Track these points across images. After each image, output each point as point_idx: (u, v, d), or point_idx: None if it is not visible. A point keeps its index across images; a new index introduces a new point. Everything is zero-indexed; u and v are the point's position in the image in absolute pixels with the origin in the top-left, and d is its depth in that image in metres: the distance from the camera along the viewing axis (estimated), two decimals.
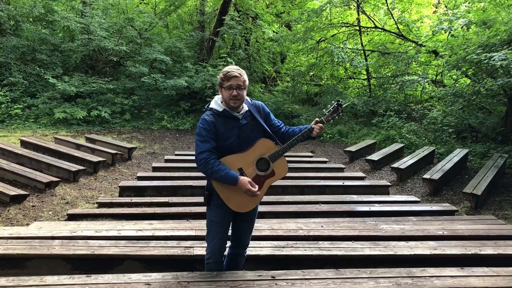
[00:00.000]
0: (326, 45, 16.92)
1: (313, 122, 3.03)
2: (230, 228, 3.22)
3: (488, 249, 3.96)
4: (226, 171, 2.88)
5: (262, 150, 3.00)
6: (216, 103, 3.01)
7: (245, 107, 3.04)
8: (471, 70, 10.89)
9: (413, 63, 15.12)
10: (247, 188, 2.86)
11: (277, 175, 3.04)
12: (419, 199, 6.52)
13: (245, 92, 2.97)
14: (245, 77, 2.95)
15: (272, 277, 3.08)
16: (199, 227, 4.45)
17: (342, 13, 18.13)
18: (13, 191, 6.10)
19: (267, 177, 3.03)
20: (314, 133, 2.99)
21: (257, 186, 2.91)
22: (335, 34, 17.29)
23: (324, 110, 3.09)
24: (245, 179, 2.88)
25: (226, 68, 2.94)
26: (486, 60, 8.82)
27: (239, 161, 2.98)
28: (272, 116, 3.20)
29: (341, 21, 17.36)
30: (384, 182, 7.40)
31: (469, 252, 3.88)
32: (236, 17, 16.61)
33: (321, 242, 4.07)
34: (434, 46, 13.05)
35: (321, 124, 2.99)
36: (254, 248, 3.76)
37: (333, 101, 3.08)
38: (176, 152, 10.03)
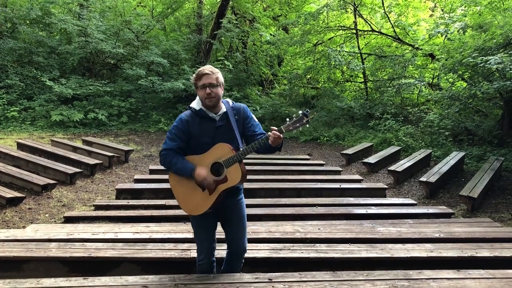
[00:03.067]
0: (323, 48, 16.96)
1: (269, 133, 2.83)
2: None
3: (484, 251, 3.97)
4: (184, 163, 2.93)
5: (218, 154, 2.91)
6: (196, 102, 3.03)
7: (223, 109, 3.01)
8: (467, 73, 10.94)
9: (410, 66, 15.17)
10: (203, 177, 2.87)
11: (230, 181, 2.90)
12: (415, 202, 6.55)
13: (219, 90, 2.94)
14: (219, 75, 2.94)
15: (269, 279, 3.09)
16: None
17: (339, 17, 18.19)
18: (9, 193, 6.09)
19: (220, 182, 2.92)
20: (270, 140, 2.76)
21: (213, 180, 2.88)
22: (332, 37, 17.33)
23: (287, 118, 2.85)
24: (201, 170, 2.88)
25: (200, 68, 2.97)
26: (482, 64, 8.86)
27: (196, 162, 2.96)
28: (253, 121, 3.10)
29: (338, 24, 17.42)
30: (380, 185, 7.42)
31: (466, 255, 3.89)
32: (234, 20, 16.64)
33: (318, 244, 4.07)
34: (431, 50, 13.12)
35: (277, 132, 2.73)
36: (251, 251, 3.76)
37: (299, 111, 2.84)
38: None
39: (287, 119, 2.83)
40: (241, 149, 2.90)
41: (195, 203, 2.99)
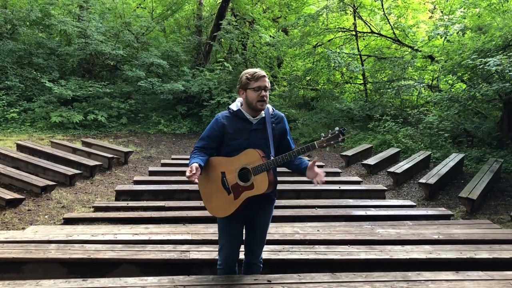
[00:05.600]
0: (323, 50, 16.97)
1: (310, 163, 2.88)
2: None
3: (483, 253, 3.98)
4: (192, 158, 2.89)
5: (247, 159, 2.85)
6: (235, 104, 3.01)
7: (262, 114, 2.97)
8: (466, 75, 10.95)
9: (409, 68, 15.19)
10: (188, 171, 2.75)
11: (256, 189, 2.85)
12: (415, 204, 6.55)
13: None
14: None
15: (268, 281, 3.09)
16: (195, 231, 4.45)
17: (339, 18, 18.22)
18: (9, 195, 6.09)
19: (246, 188, 2.87)
20: (314, 182, 2.84)
21: (197, 172, 2.76)
22: (332, 39, 17.36)
23: (322, 134, 2.86)
24: (194, 165, 2.78)
25: (251, 70, 2.91)
26: (482, 65, 8.88)
27: (224, 165, 2.93)
28: (289, 136, 3.09)
29: (337, 26, 17.44)
30: (380, 187, 7.42)
31: (465, 256, 3.89)
32: (233, 21, 16.66)
33: (317, 246, 4.07)
34: (430, 51, 13.14)
35: (322, 177, 2.84)
36: None
37: (336, 127, 2.81)
38: (173, 156, 10.02)
39: (322, 135, 2.81)
40: (272, 157, 2.87)
41: (219, 205, 2.96)
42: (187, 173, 2.73)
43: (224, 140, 2.95)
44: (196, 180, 2.75)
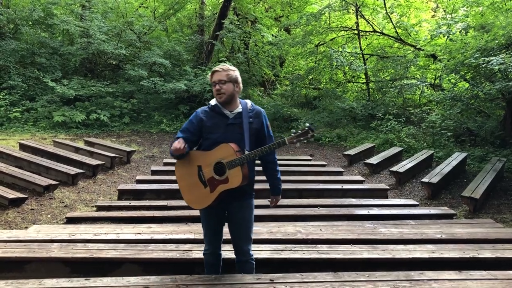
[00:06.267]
0: (325, 49, 16.96)
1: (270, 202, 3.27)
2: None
3: (486, 252, 3.97)
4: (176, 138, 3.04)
5: (222, 154, 2.95)
6: (214, 99, 3.13)
7: (239, 108, 3.06)
8: (469, 74, 10.93)
9: (412, 67, 15.15)
10: (175, 147, 2.92)
11: (230, 183, 2.95)
12: (417, 203, 6.54)
13: (230, 86, 3.01)
14: (231, 72, 3.03)
15: (271, 280, 3.09)
16: (198, 230, 4.45)
17: (341, 17, 18.18)
18: (11, 194, 6.10)
19: (221, 182, 2.97)
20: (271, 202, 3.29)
21: (182, 146, 2.93)
22: (334, 38, 17.33)
23: (293, 130, 2.94)
24: (181, 139, 2.97)
25: None
26: (485, 64, 8.85)
27: (201, 158, 3.05)
28: (268, 131, 3.16)
29: (340, 25, 17.41)
30: (382, 186, 7.42)
31: (467, 256, 3.88)
32: (235, 21, 16.65)
33: (319, 245, 4.07)
34: (433, 50, 13.11)
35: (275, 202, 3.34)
36: (253, 251, 3.75)
37: (306, 124, 2.90)
38: None
39: (293, 131, 2.89)
40: (246, 152, 2.95)
41: (195, 198, 3.09)
42: (176, 144, 2.91)
43: (203, 134, 3.08)
44: (183, 148, 2.91)
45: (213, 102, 3.11)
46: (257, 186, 6.51)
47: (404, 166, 8.47)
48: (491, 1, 12.81)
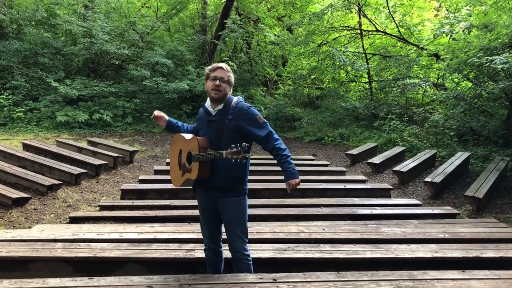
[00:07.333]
0: (328, 48, 16.95)
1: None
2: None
3: (490, 252, 3.96)
4: None
5: (191, 145, 3.10)
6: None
7: (220, 106, 3.12)
8: (472, 73, 10.89)
9: (415, 66, 15.13)
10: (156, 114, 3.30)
11: (191, 175, 3.10)
12: (420, 202, 6.53)
13: (227, 87, 3.09)
14: (231, 74, 3.13)
15: (274, 279, 3.09)
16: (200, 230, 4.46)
17: (344, 17, 18.17)
18: (15, 194, 6.12)
19: (187, 170, 3.15)
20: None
21: (157, 113, 3.29)
22: (337, 37, 17.31)
23: (233, 145, 2.83)
24: (158, 112, 3.33)
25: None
26: (488, 63, 8.83)
27: (182, 143, 3.22)
28: (254, 127, 3.06)
29: (342, 25, 17.40)
30: (385, 185, 7.40)
31: (471, 255, 3.88)
32: (238, 20, 16.66)
33: (322, 245, 4.07)
34: (436, 50, 13.08)
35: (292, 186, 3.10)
36: (256, 251, 3.76)
37: (244, 143, 2.81)
38: None
39: (232, 145, 2.83)
40: (209, 151, 3.04)
41: (173, 176, 3.37)
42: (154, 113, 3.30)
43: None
44: (156, 115, 3.29)
45: (207, 100, 3.24)
46: (257, 186, 6.60)
47: (407, 165, 8.46)
48: (494, 0, 12.78)
